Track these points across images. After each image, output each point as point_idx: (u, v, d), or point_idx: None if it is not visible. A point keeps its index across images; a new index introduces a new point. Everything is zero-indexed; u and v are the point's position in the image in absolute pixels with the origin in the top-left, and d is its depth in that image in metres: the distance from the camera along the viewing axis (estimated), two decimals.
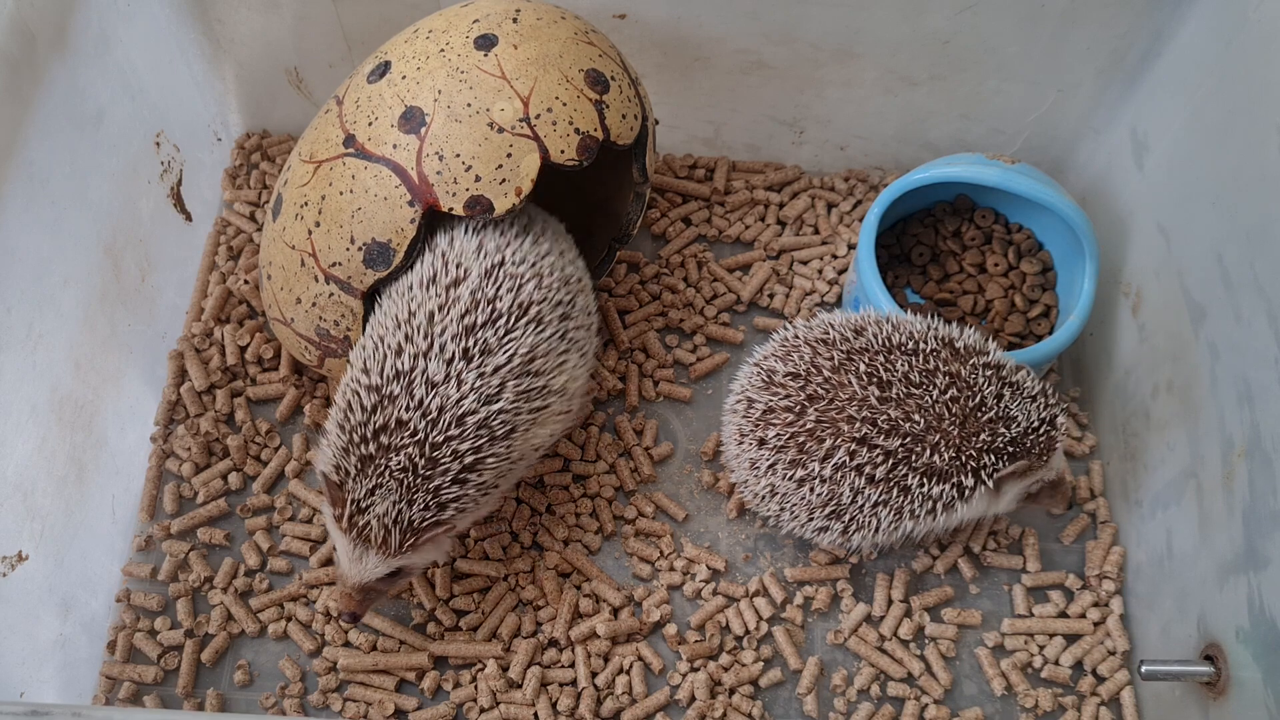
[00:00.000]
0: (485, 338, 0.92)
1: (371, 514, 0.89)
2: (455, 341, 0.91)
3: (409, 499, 0.89)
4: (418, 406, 0.89)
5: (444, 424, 0.89)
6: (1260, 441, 0.87)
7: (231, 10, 1.19)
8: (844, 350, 0.97)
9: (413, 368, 0.90)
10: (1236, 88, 0.94)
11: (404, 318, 0.92)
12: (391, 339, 0.92)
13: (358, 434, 0.90)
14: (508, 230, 0.97)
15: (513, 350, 0.93)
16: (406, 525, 0.89)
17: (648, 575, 1.10)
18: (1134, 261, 1.12)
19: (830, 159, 1.32)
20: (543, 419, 0.96)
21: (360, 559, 0.90)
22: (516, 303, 0.94)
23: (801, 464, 0.97)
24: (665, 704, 1.03)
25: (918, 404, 0.94)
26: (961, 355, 0.97)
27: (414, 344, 0.91)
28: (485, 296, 0.93)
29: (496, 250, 0.95)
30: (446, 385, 0.90)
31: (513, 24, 1.00)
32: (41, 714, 0.67)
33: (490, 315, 0.92)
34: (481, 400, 0.91)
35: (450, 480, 0.90)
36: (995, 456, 0.95)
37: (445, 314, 0.92)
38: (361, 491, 0.89)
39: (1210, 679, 0.90)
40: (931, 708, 1.03)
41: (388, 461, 0.89)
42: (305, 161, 1.01)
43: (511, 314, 0.93)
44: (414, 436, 0.89)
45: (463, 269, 0.94)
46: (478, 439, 0.90)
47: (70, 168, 1.02)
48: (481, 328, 0.92)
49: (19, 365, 0.96)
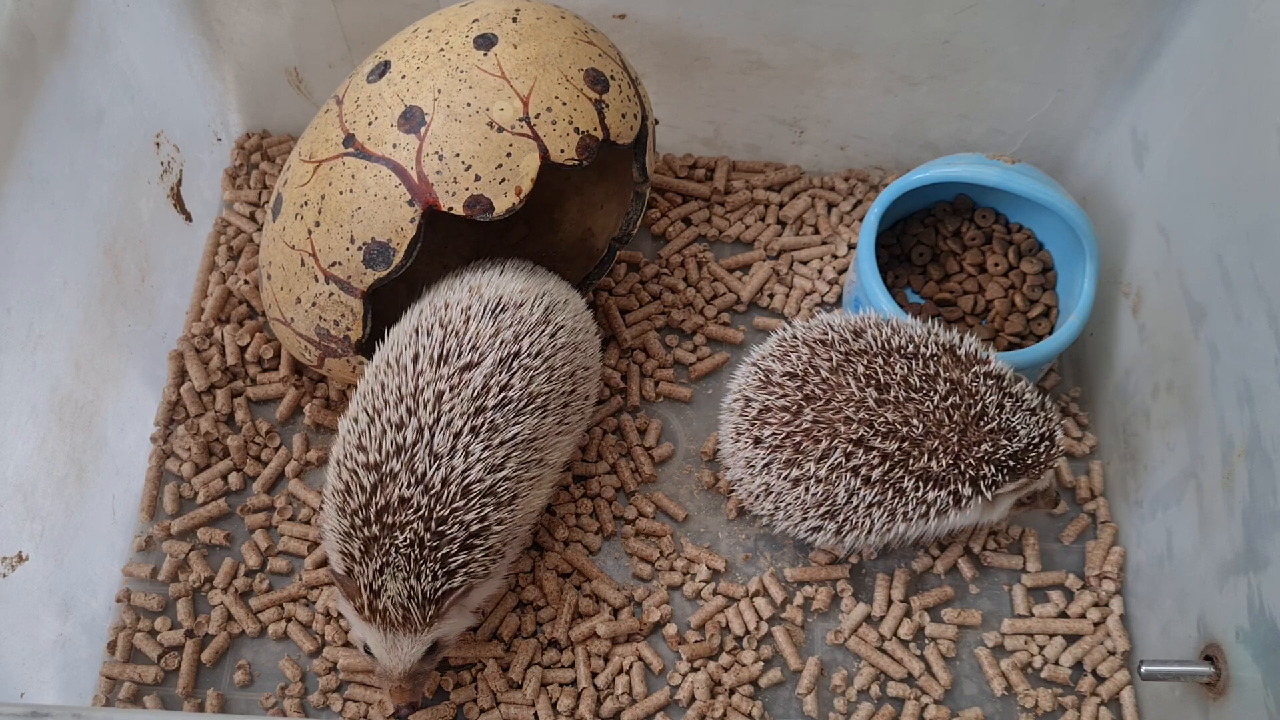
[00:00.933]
0: (494, 419, 0.91)
1: (385, 598, 0.87)
2: (464, 419, 0.90)
3: (419, 573, 0.87)
4: (419, 482, 0.88)
5: (448, 496, 0.88)
6: (1260, 441, 0.87)
7: (231, 10, 1.19)
8: (842, 352, 0.97)
9: (415, 441, 0.89)
10: (1236, 88, 0.94)
11: (409, 391, 0.91)
12: (393, 414, 0.91)
13: (359, 517, 0.88)
14: (528, 317, 0.96)
15: (520, 428, 0.93)
16: (422, 599, 0.88)
17: (648, 575, 1.10)
18: (1134, 261, 1.12)
19: (830, 159, 1.32)
20: (539, 486, 0.97)
21: (394, 646, 0.89)
22: (527, 392, 0.94)
23: (797, 464, 0.97)
24: (665, 704, 1.03)
25: (917, 408, 0.94)
26: (963, 362, 0.96)
27: (418, 418, 0.90)
28: (499, 383, 0.92)
29: (515, 340, 0.95)
30: (452, 457, 0.89)
31: (512, 23, 1.00)
32: (41, 715, 0.67)
33: (501, 400, 0.92)
34: (487, 469, 0.90)
35: (458, 548, 0.89)
36: (995, 468, 0.95)
37: (456, 394, 0.91)
38: (371, 574, 0.87)
39: (1210, 679, 0.90)
40: (931, 708, 1.03)
41: (393, 540, 0.87)
42: (305, 161, 1.01)
43: (521, 400, 0.93)
44: (417, 512, 0.88)
45: (478, 353, 0.93)
46: (483, 507, 0.90)
47: (70, 168, 1.02)
48: (493, 410, 0.92)
49: (19, 365, 0.96)
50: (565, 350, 0.98)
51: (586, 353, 1.03)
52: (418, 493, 0.88)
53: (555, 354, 0.97)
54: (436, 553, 0.88)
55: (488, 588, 0.96)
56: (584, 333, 1.03)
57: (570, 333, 1.00)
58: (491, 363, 0.93)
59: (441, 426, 0.90)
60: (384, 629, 0.88)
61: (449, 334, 0.94)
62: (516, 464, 0.92)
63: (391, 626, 0.88)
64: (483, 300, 0.96)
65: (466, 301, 0.96)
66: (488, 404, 0.91)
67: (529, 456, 0.94)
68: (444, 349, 0.93)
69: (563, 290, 1.04)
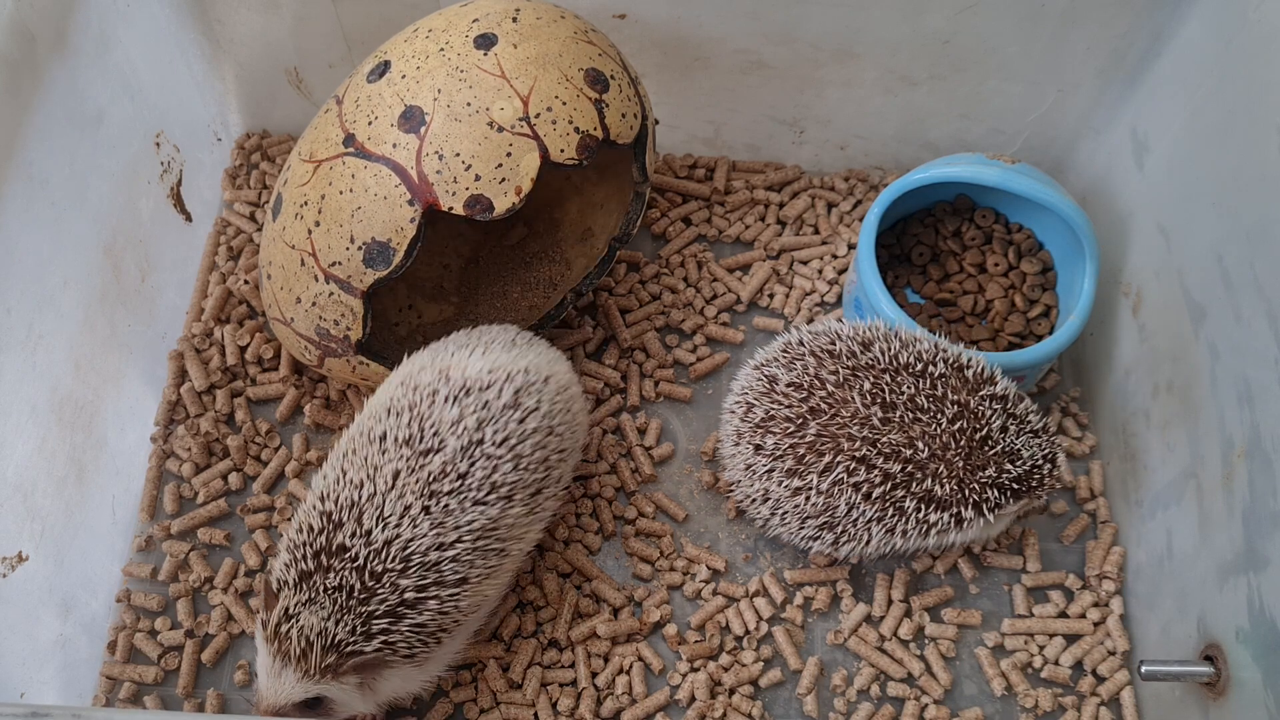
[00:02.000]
0: (448, 504, 0.90)
1: (296, 625, 0.85)
2: (417, 499, 0.89)
3: (337, 618, 0.85)
4: (364, 535, 0.87)
5: (387, 556, 0.87)
6: (1260, 441, 0.87)
7: (231, 10, 1.19)
8: (849, 366, 0.96)
9: (367, 501, 0.88)
10: (1236, 88, 0.94)
11: (372, 463, 0.90)
12: (355, 475, 0.90)
13: (299, 551, 0.88)
14: (494, 402, 0.93)
15: (476, 517, 0.90)
16: (329, 643, 0.85)
17: (648, 575, 1.10)
18: (1134, 261, 1.12)
19: (830, 159, 1.32)
20: (495, 576, 0.94)
21: (278, 676, 0.86)
22: (489, 481, 0.91)
23: (799, 474, 0.96)
24: (665, 704, 1.03)
25: (923, 430, 0.94)
26: (970, 384, 0.96)
27: (374, 484, 0.89)
28: (457, 471, 0.90)
29: (477, 426, 0.92)
30: (399, 525, 0.88)
31: (512, 23, 1.00)
32: (41, 715, 0.67)
33: (457, 489, 0.90)
34: (434, 546, 0.88)
35: (384, 610, 0.86)
36: (998, 491, 0.95)
37: (411, 475, 0.90)
38: (294, 601, 0.86)
39: (1210, 679, 0.90)
40: (931, 708, 1.03)
41: (324, 579, 0.86)
42: (305, 161, 1.01)
43: (482, 488, 0.91)
44: (354, 562, 0.86)
45: (439, 439, 0.91)
46: (422, 579, 0.88)
47: (70, 168, 1.02)
48: (448, 495, 0.90)
49: (19, 366, 0.96)
50: (537, 435, 0.95)
51: (563, 435, 0.99)
52: (359, 543, 0.87)
53: (523, 441, 0.94)
54: (362, 607, 0.86)
55: (403, 677, 0.91)
56: (562, 413, 0.99)
57: (544, 416, 0.96)
58: (451, 450, 0.91)
59: (393, 498, 0.88)
60: (278, 655, 0.86)
61: (414, 417, 0.92)
62: (469, 549, 0.90)
63: (285, 657, 0.85)
64: (449, 383, 0.94)
65: (434, 385, 0.94)
66: (442, 489, 0.90)
67: (486, 545, 0.91)
68: (409, 432, 0.92)
69: (545, 365, 1.00)
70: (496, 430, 0.93)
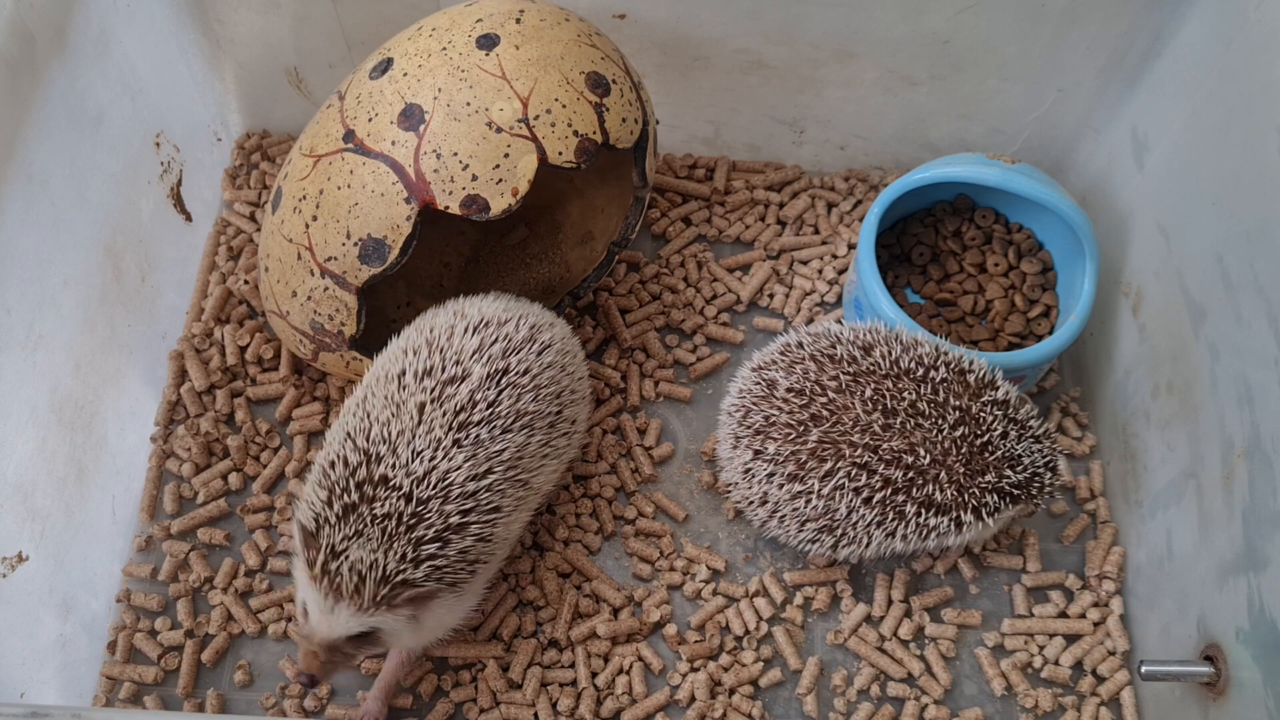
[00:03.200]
0: (478, 434, 0.91)
1: (346, 561, 0.85)
2: (447, 431, 0.90)
3: (388, 547, 0.85)
4: (404, 465, 0.88)
5: (430, 484, 0.88)
6: (1260, 442, 0.87)
7: (231, 10, 1.19)
8: (850, 372, 0.96)
9: (399, 436, 0.89)
10: (1236, 88, 0.94)
11: (396, 401, 0.91)
12: (380, 412, 0.91)
13: (340, 485, 0.88)
14: (514, 335, 0.96)
15: (505, 445, 0.92)
16: (381, 575, 0.85)
17: (648, 575, 1.10)
18: (1134, 261, 1.12)
19: (830, 159, 1.32)
20: (521, 509, 0.95)
21: (331, 611, 0.86)
22: (515, 409, 0.93)
23: (799, 479, 0.96)
24: (665, 704, 1.03)
25: (924, 436, 0.94)
26: (973, 390, 0.96)
27: (399, 420, 0.90)
28: (486, 399, 0.92)
29: (502, 355, 0.94)
30: (434, 458, 0.88)
31: (515, 24, 1.00)
32: (41, 715, 0.67)
33: (489, 416, 0.91)
34: (469, 476, 0.89)
35: (433, 535, 0.87)
36: (998, 496, 0.95)
37: (438, 407, 0.90)
38: (339, 537, 0.86)
39: (1210, 679, 0.90)
40: (931, 708, 1.03)
41: (371, 509, 0.86)
42: (305, 155, 1.01)
43: (509, 416, 0.93)
44: (399, 490, 0.87)
45: (462, 368, 0.93)
46: (463, 506, 0.88)
47: (70, 168, 1.02)
48: (478, 425, 0.91)
49: (19, 366, 0.97)
50: (551, 370, 0.98)
51: (574, 375, 1.02)
52: (400, 474, 0.87)
53: (541, 372, 0.96)
54: (410, 533, 0.86)
55: (448, 608, 0.92)
56: (571, 355, 1.02)
57: (557, 353, 0.99)
58: (478, 377, 0.92)
59: (422, 432, 0.89)
60: (330, 593, 0.85)
61: (433, 350, 0.94)
62: (500, 479, 0.91)
63: (338, 594, 0.85)
64: (467, 318, 0.96)
65: (450, 323, 0.96)
66: (473, 419, 0.91)
67: (515, 475, 0.93)
68: (429, 364, 0.93)
69: (547, 315, 1.03)
70: (520, 359, 0.95)
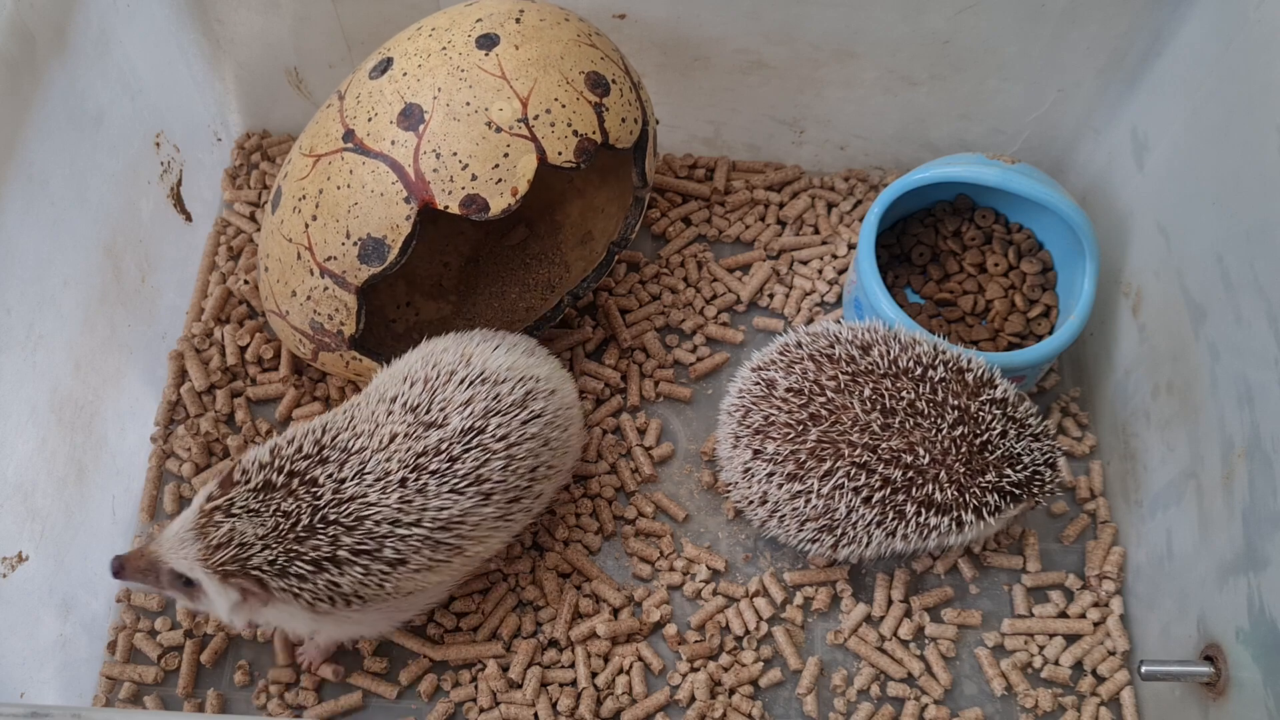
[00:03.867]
0: (427, 483, 0.90)
1: (229, 521, 0.86)
2: (400, 467, 0.89)
3: (266, 542, 0.86)
4: (339, 479, 0.88)
5: (344, 510, 0.87)
6: (1260, 442, 0.87)
7: (231, 10, 1.19)
8: (849, 371, 0.96)
9: (354, 452, 0.90)
10: (1236, 88, 0.94)
11: (376, 419, 0.92)
12: (360, 425, 0.92)
13: (279, 461, 0.89)
14: (505, 396, 0.95)
15: (448, 504, 0.90)
16: (235, 553, 0.86)
17: (648, 575, 1.10)
18: (1134, 261, 1.12)
19: (830, 159, 1.32)
20: (439, 572, 0.93)
21: (183, 542, 0.87)
22: (474, 471, 0.91)
23: (799, 479, 0.96)
24: (665, 704, 1.03)
25: (924, 435, 0.93)
26: (971, 389, 0.96)
27: (370, 439, 0.91)
28: (450, 453, 0.91)
29: (483, 414, 0.93)
30: (370, 486, 0.88)
31: (515, 24, 1.00)
32: (41, 715, 0.67)
33: (444, 468, 0.90)
34: (389, 519, 0.88)
35: (311, 557, 0.87)
36: (998, 495, 0.95)
37: (406, 440, 0.91)
38: (242, 501, 0.87)
39: (1210, 679, 0.90)
40: (931, 708, 1.03)
41: (281, 500, 0.87)
42: (305, 155, 1.01)
43: (465, 479, 0.91)
44: (315, 499, 0.87)
45: (444, 415, 0.92)
46: (361, 544, 0.88)
47: (70, 168, 1.02)
48: (430, 474, 0.90)
49: (19, 366, 0.97)
50: (533, 442, 0.95)
51: (555, 451, 0.99)
52: (329, 486, 0.88)
53: (520, 442, 0.94)
54: (295, 543, 0.86)
55: (289, 616, 0.91)
56: (560, 428, 0.99)
57: (545, 424, 0.97)
58: (452, 429, 0.92)
59: (381, 458, 0.89)
60: (197, 529, 0.87)
61: (427, 389, 0.94)
62: (422, 536, 0.90)
63: (201, 535, 0.86)
64: (469, 367, 0.95)
65: (453, 366, 0.96)
66: (429, 467, 0.90)
67: (443, 537, 0.91)
68: (419, 400, 0.93)
69: (556, 379, 1.01)
70: (500, 425, 0.93)
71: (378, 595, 0.90)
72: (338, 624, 0.94)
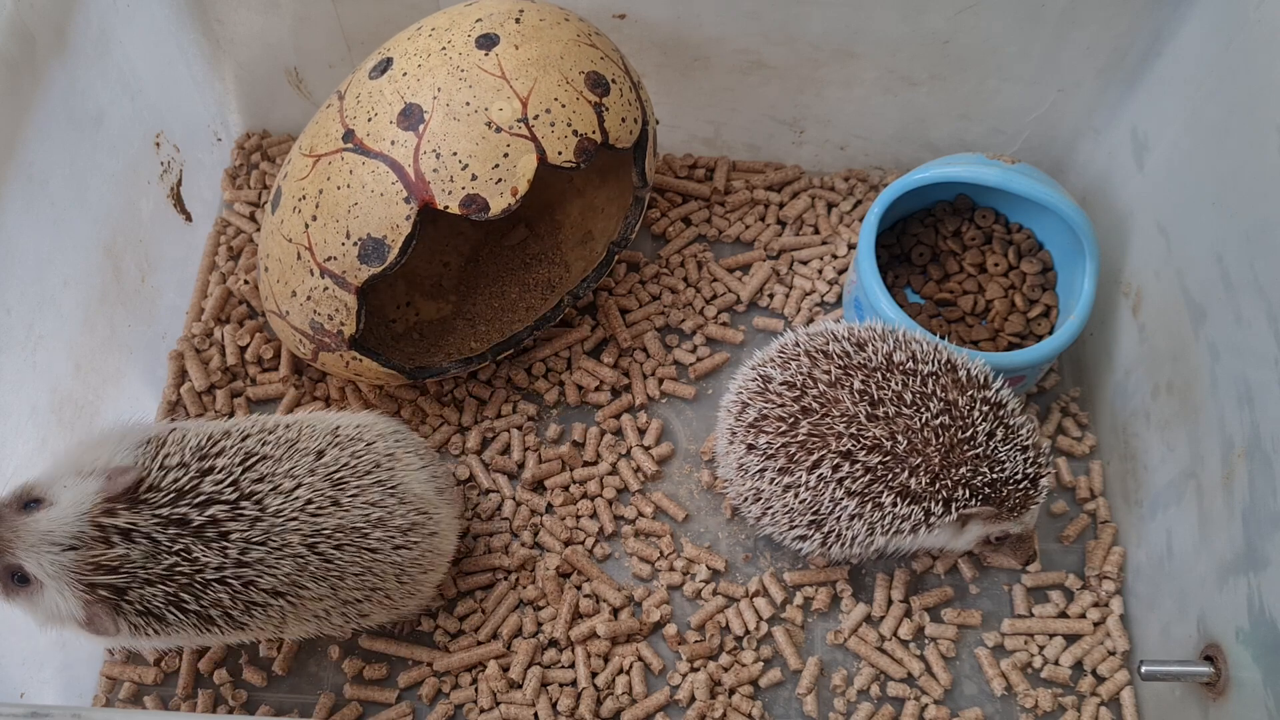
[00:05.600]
0: (309, 561, 0.85)
1: (125, 549, 0.79)
2: (300, 540, 0.85)
3: (149, 579, 0.80)
4: (246, 539, 0.83)
5: (241, 572, 0.83)
6: (1260, 442, 0.87)
7: (231, 10, 1.19)
8: (841, 366, 0.96)
9: (272, 511, 0.85)
10: (1236, 88, 0.94)
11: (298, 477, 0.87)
12: (274, 450, 0.88)
13: (196, 495, 0.83)
14: (366, 476, 0.90)
15: (309, 588, 0.87)
16: (116, 580, 0.79)
17: (648, 575, 1.10)
18: (1134, 261, 1.12)
19: (830, 159, 1.32)
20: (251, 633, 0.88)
21: (54, 541, 0.79)
22: (342, 567, 0.87)
23: (789, 471, 0.96)
24: (665, 704, 1.03)
25: (906, 424, 0.93)
26: (962, 384, 0.96)
27: (285, 500, 0.86)
28: (336, 542, 0.87)
29: (335, 463, 0.89)
30: (269, 553, 0.84)
31: (515, 24, 1.00)
32: (41, 715, 0.67)
33: (324, 553, 0.87)
34: (266, 589, 0.84)
35: (190, 609, 0.82)
36: (969, 492, 0.93)
37: (310, 512, 0.86)
38: (146, 529, 0.80)
39: (1210, 679, 0.90)
40: (931, 708, 1.03)
41: (188, 543, 0.81)
42: (305, 155, 1.01)
43: (332, 568, 0.87)
44: (223, 554, 0.82)
45: (350, 501, 0.89)
46: (231, 607, 0.83)
47: (70, 168, 1.02)
48: (315, 554, 0.86)
49: (19, 366, 0.97)
50: (392, 567, 0.91)
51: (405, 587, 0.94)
52: (237, 544, 0.83)
53: (384, 562, 0.90)
54: (179, 586, 0.81)
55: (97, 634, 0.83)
56: (422, 570, 0.95)
57: (412, 561, 0.93)
58: (348, 521, 0.88)
59: (288, 525, 0.85)
60: (78, 531, 0.79)
61: (350, 470, 0.90)
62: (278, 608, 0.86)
63: (81, 542, 0.79)
64: (390, 472, 0.92)
65: (379, 460, 0.92)
66: (318, 546, 0.87)
67: (282, 607, 0.87)
68: (339, 474, 0.89)
69: (445, 525, 0.97)
70: (381, 538, 0.90)
71: (195, 637, 0.87)
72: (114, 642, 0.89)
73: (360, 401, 1.17)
